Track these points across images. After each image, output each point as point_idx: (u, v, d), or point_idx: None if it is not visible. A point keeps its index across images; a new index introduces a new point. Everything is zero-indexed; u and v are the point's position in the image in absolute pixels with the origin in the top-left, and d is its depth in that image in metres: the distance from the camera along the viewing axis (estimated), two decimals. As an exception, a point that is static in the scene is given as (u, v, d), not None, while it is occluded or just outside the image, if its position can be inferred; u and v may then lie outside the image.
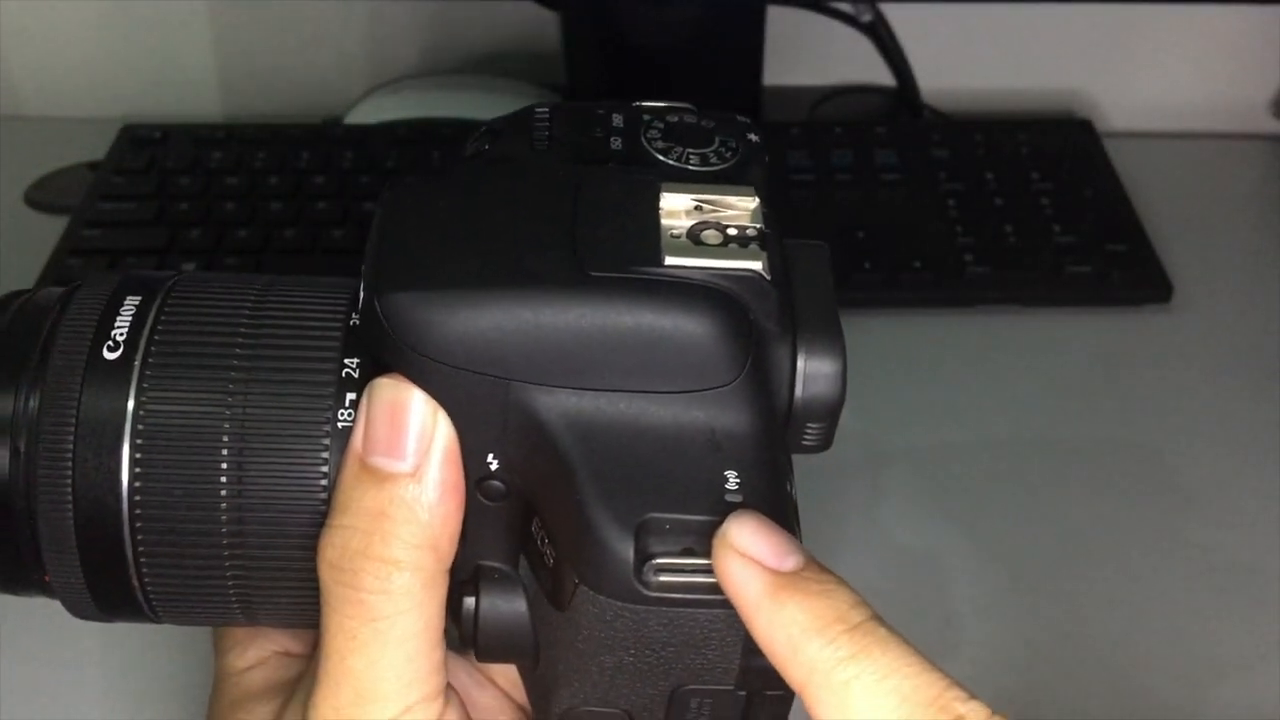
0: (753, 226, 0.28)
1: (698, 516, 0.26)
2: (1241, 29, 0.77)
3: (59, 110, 0.78)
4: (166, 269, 0.63)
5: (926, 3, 0.74)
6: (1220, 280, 0.67)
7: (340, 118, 0.76)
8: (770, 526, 0.26)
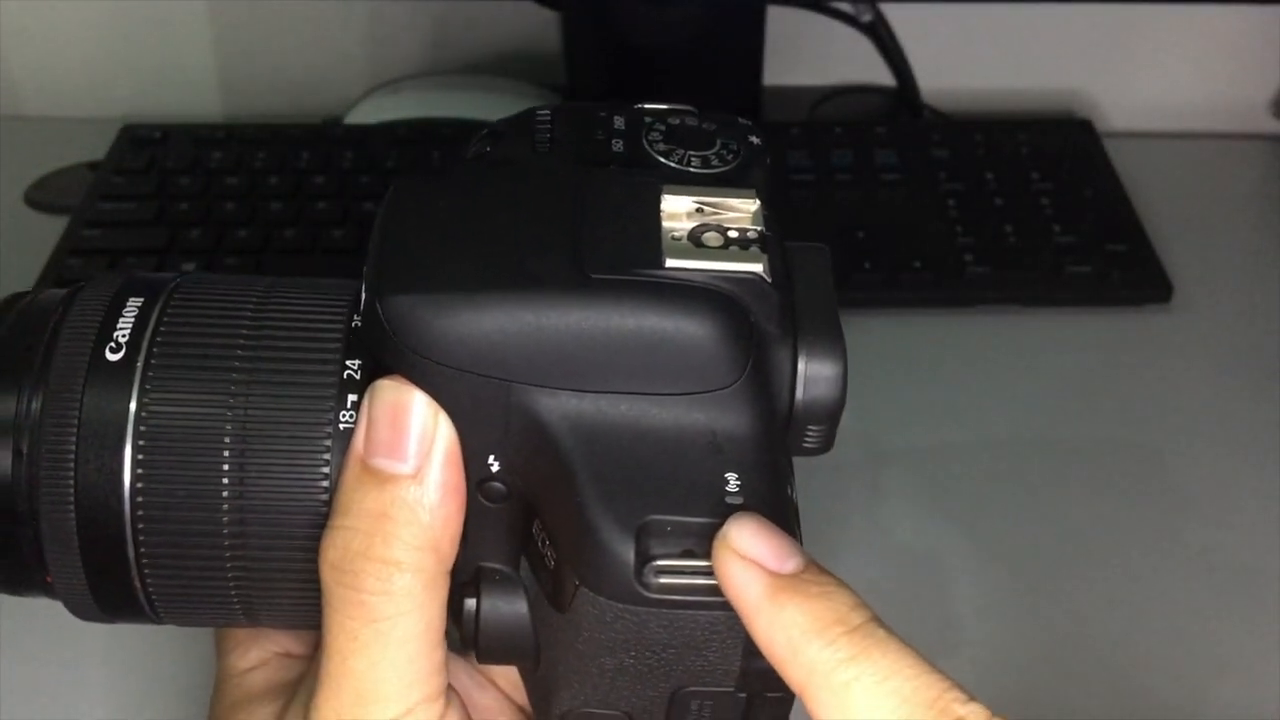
0: (754, 229, 0.28)
1: (698, 519, 0.26)
2: (1241, 29, 0.77)
3: (59, 110, 0.78)
4: (166, 269, 0.63)
5: (926, 3, 0.74)
6: (1220, 280, 0.67)
7: (340, 118, 0.76)
8: (771, 529, 0.26)
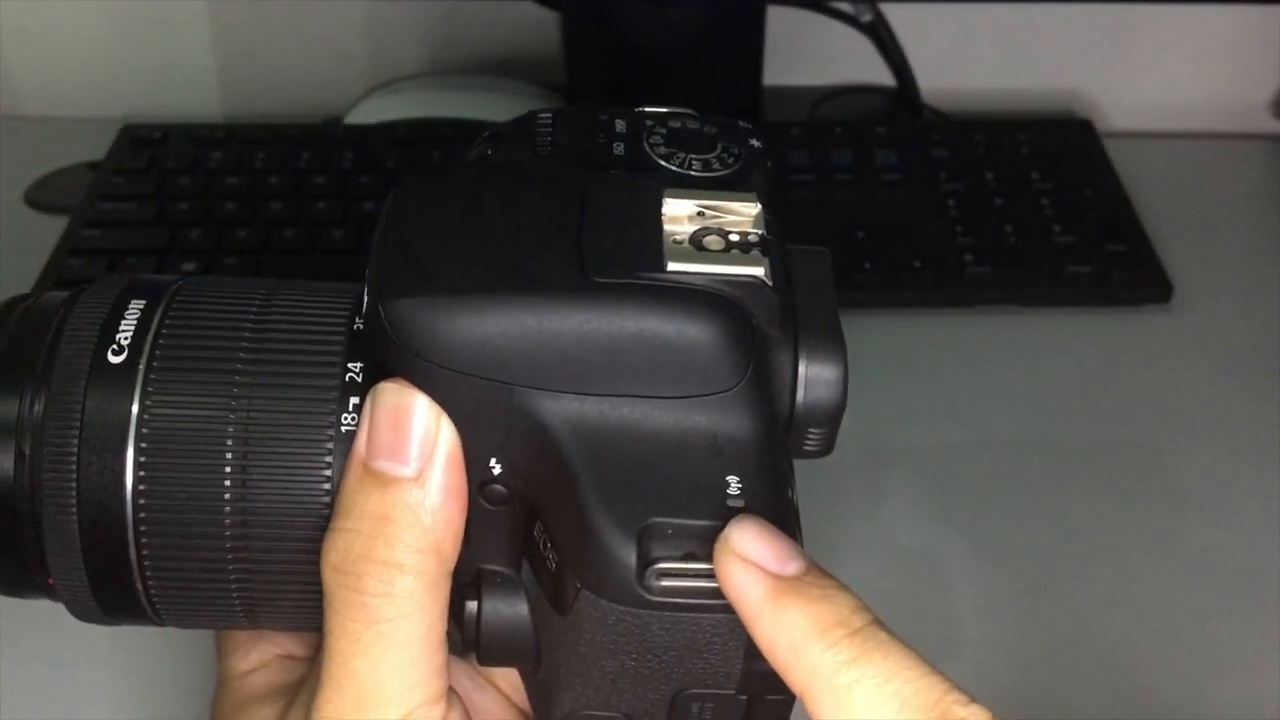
0: (755, 232, 0.28)
1: (700, 521, 0.26)
2: (1241, 29, 0.77)
3: (59, 110, 0.78)
4: (167, 269, 0.64)
5: (926, 3, 0.74)
6: (1220, 280, 0.67)
7: (340, 118, 0.76)
8: (772, 531, 0.26)
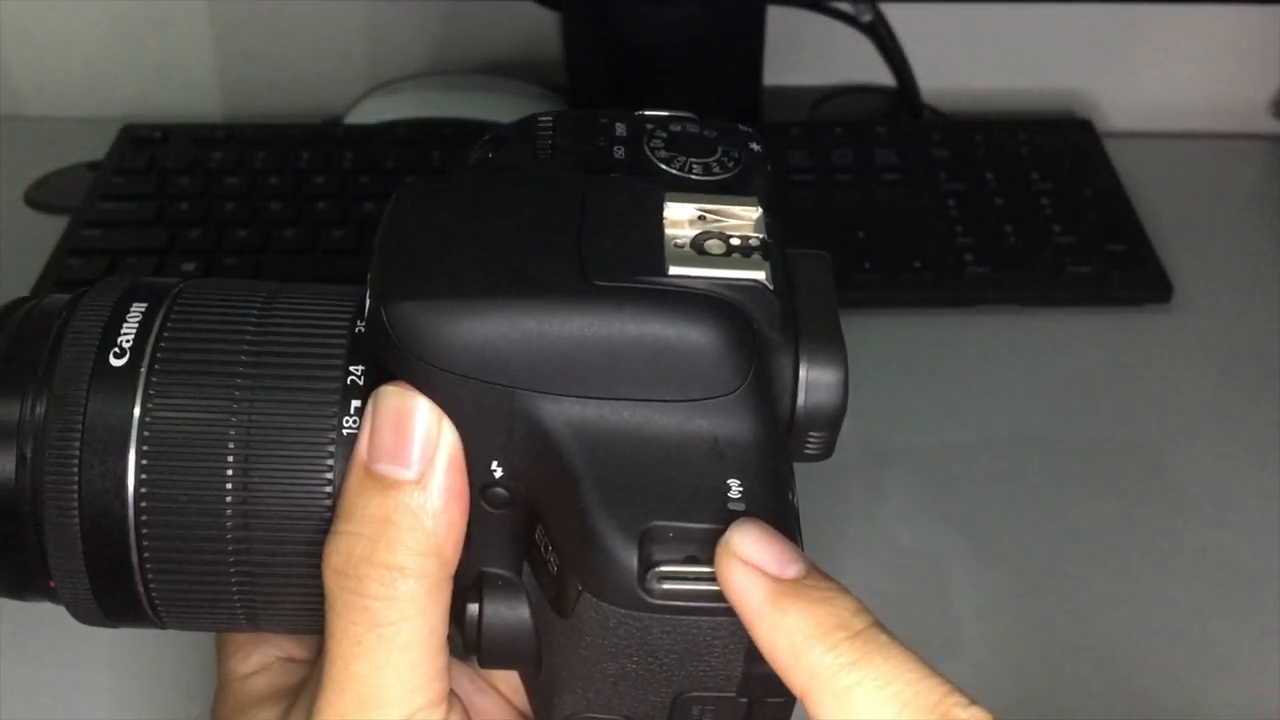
0: (755, 236, 0.28)
1: (701, 525, 0.26)
2: (1241, 29, 0.77)
3: (59, 110, 0.78)
4: (167, 269, 0.64)
5: (926, 3, 0.74)
6: (1220, 280, 0.67)
7: (340, 118, 0.76)
8: (772, 534, 0.26)
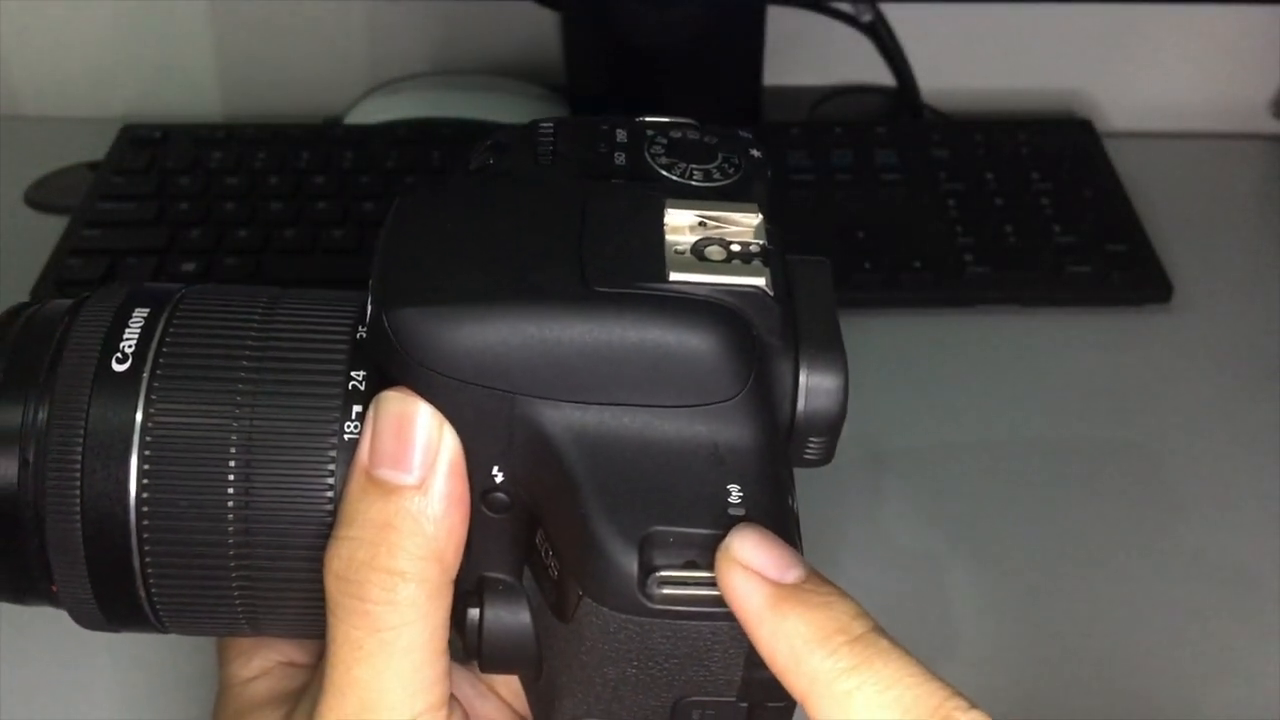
0: (755, 242, 0.28)
1: (701, 530, 0.26)
2: (1241, 29, 0.77)
3: (59, 110, 0.78)
4: (167, 269, 0.64)
5: (926, 3, 0.74)
6: (1220, 280, 0.67)
7: (340, 118, 0.76)
8: (772, 539, 0.26)
